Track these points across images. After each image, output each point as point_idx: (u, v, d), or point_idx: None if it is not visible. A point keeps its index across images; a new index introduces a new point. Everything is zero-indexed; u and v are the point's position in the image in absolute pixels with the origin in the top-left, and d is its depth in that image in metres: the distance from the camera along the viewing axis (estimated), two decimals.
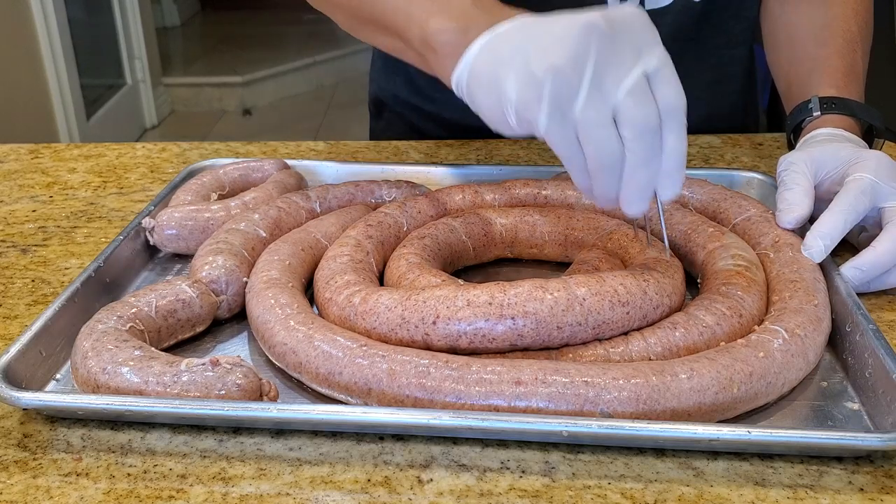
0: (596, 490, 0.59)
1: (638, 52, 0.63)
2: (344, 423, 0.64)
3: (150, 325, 0.73)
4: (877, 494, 0.58)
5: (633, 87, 0.62)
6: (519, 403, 0.62)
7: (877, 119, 0.94)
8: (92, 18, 3.90)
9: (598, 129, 0.63)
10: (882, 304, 0.79)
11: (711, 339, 0.69)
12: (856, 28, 1.01)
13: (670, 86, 0.64)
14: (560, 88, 0.62)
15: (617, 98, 0.62)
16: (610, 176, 0.65)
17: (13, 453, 0.64)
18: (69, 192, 1.08)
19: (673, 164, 0.65)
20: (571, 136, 0.64)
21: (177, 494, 0.59)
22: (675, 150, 0.65)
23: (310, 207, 0.91)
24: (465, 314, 0.67)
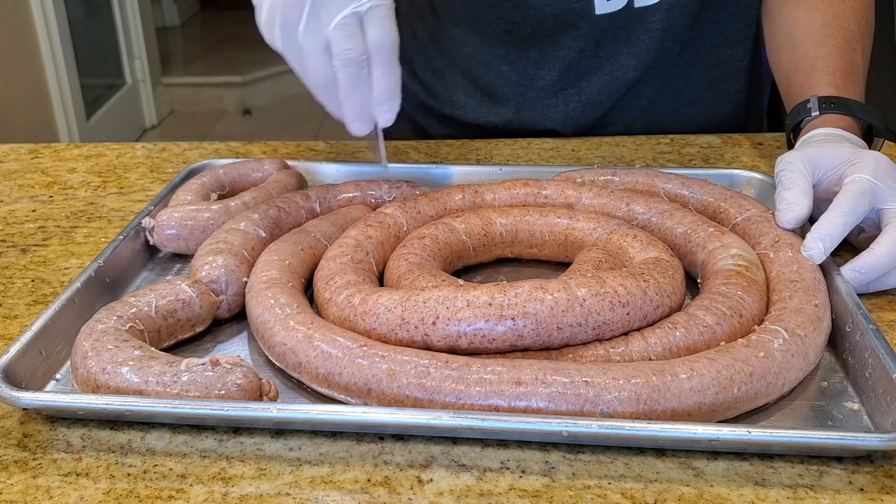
0: (596, 490, 0.59)
1: None
2: (344, 423, 0.64)
3: (150, 324, 0.73)
4: (877, 494, 0.58)
5: (342, 23, 0.74)
6: (519, 403, 0.62)
7: (876, 119, 0.93)
8: (92, 18, 3.90)
9: (312, 56, 0.76)
10: (882, 304, 0.79)
11: (711, 339, 0.69)
12: (856, 27, 1.01)
13: (379, 26, 0.76)
14: (287, 16, 0.75)
15: (329, 31, 0.75)
16: (328, 97, 0.78)
17: (13, 453, 0.64)
18: (69, 192, 1.07)
19: (381, 95, 0.78)
20: (299, 58, 0.77)
21: (177, 494, 0.59)
22: (382, 82, 0.77)
23: (310, 207, 0.91)
24: (465, 315, 0.67)
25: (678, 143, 1.17)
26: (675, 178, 0.93)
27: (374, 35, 0.76)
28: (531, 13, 1.12)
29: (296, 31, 0.75)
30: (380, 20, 0.76)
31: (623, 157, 1.12)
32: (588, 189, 0.91)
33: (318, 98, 0.80)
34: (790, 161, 0.85)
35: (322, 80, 0.77)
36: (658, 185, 0.92)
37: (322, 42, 0.75)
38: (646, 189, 0.93)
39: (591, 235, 0.84)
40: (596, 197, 0.90)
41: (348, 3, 0.75)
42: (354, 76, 0.76)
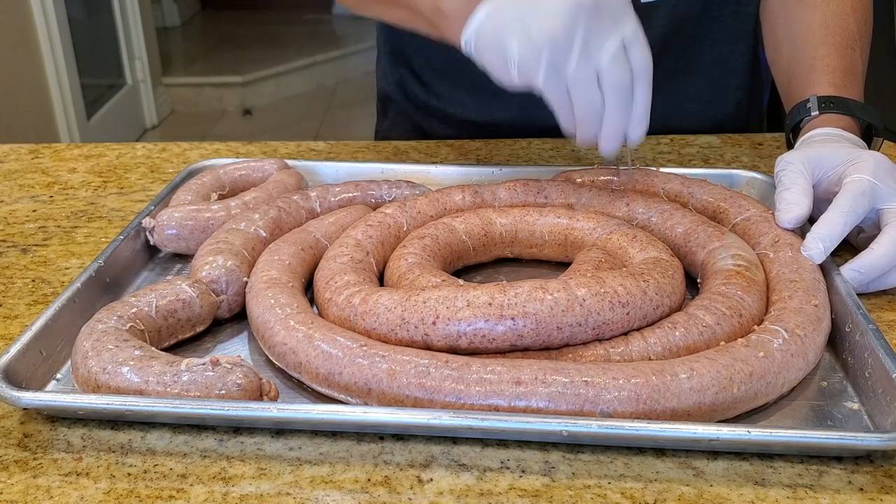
0: (596, 490, 0.59)
1: (616, 23, 0.76)
2: (344, 423, 0.64)
3: (151, 324, 0.73)
4: (876, 494, 0.58)
5: (614, 53, 0.76)
6: (519, 403, 0.62)
7: (875, 118, 0.93)
8: (92, 18, 3.90)
9: (585, 87, 0.77)
10: (882, 304, 0.79)
11: (711, 339, 0.69)
12: (855, 26, 1.01)
13: (641, 50, 0.78)
14: (555, 54, 0.75)
15: (600, 61, 0.76)
16: (592, 122, 0.79)
17: (13, 453, 0.64)
18: (69, 192, 1.08)
19: (640, 112, 0.80)
20: (563, 91, 0.78)
21: (177, 494, 0.59)
22: (643, 102, 0.80)
23: (310, 207, 0.91)
24: (465, 315, 0.67)
25: (678, 143, 1.17)
26: (674, 178, 0.93)
27: (639, 58, 0.77)
28: None
29: (565, 67, 0.75)
30: (641, 43, 0.78)
31: (623, 157, 1.12)
32: (588, 189, 0.91)
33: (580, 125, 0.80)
34: (790, 161, 0.85)
35: (592, 110, 0.78)
36: (658, 185, 0.92)
37: (593, 73, 0.76)
38: (646, 189, 0.93)
39: (591, 235, 0.84)
40: (596, 197, 0.90)
41: (613, 31, 0.76)
42: (623, 101, 0.78)
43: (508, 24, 0.77)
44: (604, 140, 0.80)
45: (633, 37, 0.77)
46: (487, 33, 0.78)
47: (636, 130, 0.81)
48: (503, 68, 0.78)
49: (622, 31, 0.76)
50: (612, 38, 0.76)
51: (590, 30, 0.75)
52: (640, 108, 0.80)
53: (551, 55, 0.75)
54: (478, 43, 0.80)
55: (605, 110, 0.78)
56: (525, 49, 0.76)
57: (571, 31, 0.74)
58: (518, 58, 0.76)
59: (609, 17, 0.76)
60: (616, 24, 0.76)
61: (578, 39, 0.75)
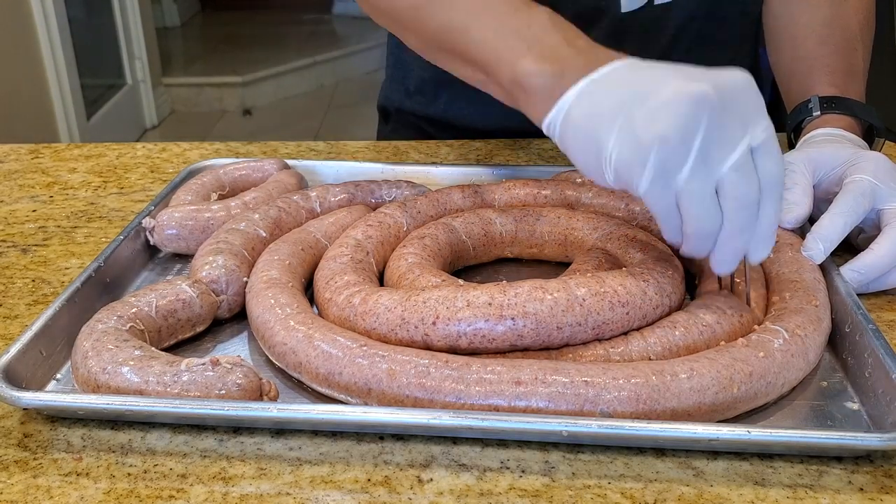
0: (596, 490, 0.59)
1: (745, 125, 0.63)
2: (344, 423, 0.64)
3: (151, 324, 0.73)
4: (876, 494, 0.58)
5: (739, 162, 0.62)
6: (519, 403, 0.62)
7: (877, 119, 0.93)
8: (92, 18, 3.90)
9: (701, 201, 0.63)
10: (882, 304, 0.79)
11: (711, 339, 0.69)
12: (856, 26, 1.01)
13: (773, 159, 0.64)
14: (666, 159, 0.62)
15: (722, 172, 0.63)
16: (706, 241, 0.66)
17: (13, 453, 0.64)
18: (69, 192, 1.08)
19: (767, 232, 0.66)
20: (671, 203, 0.65)
21: (177, 494, 0.59)
22: (771, 219, 0.66)
23: (310, 207, 0.91)
24: (465, 315, 0.67)
25: None
26: None
27: (769, 170, 0.64)
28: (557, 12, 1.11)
29: (676, 175, 0.62)
30: (773, 151, 0.64)
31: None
32: (588, 189, 0.91)
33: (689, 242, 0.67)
34: (791, 161, 0.85)
35: (709, 227, 0.64)
36: None
37: (713, 185, 0.63)
38: None
39: (591, 235, 0.84)
40: (596, 197, 0.90)
41: (741, 136, 0.63)
42: (747, 218, 0.64)
43: (608, 113, 0.64)
44: (717, 261, 0.67)
45: (764, 142, 0.64)
46: (578, 121, 0.66)
47: (759, 252, 0.67)
48: (594, 165, 0.66)
49: (752, 136, 0.63)
50: (739, 144, 0.62)
51: (712, 132, 0.62)
52: (765, 227, 0.66)
53: (660, 160, 0.62)
54: (564, 130, 0.67)
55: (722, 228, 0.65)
56: (627, 149, 0.63)
57: (689, 132, 0.61)
58: (616, 157, 0.64)
59: (737, 117, 0.63)
60: (745, 127, 0.63)
61: (697, 144, 0.61)
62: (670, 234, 0.68)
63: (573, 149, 0.68)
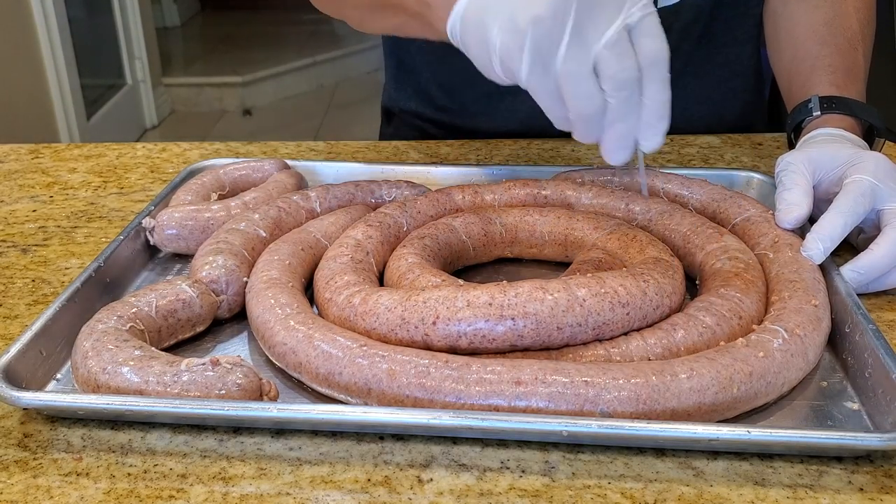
0: (596, 490, 0.59)
1: (621, 3, 0.63)
2: (344, 423, 0.64)
3: (151, 324, 0.73)
4: (876, 494, 0.58)
5: (614, 39, 0.63)
6: (519, 403, 0.62)
7: (877, 119, 0.93)
8: (92, 18, 3.90)
9: (579, 82, 0.64)
10: (882, 304, 0.79)
11: (711, 340, 0.69)
12: (857, 26, 1.01)
13: (652, 37, 0.65)
14: (541, 39, 0.63)
15: (597, 51, 0.63)
16: (590, 125, 0.66)
17: (13, 453, 0.64)
18: (69, 192, 1.08)
19: (653, 116, 0.66)
20: (552, 87, 0.65)
21: (177, 494, 0.59)
22: (656, 102, 0.66)
23: (310, 207, 0.91)
24: (465, 315, 0.67)
25: (678, 143, 1.17)
26: (674, 178, 0.93)
27: (649, 48, 0.64)
28: None
29: (553, 56, 0.63)
30: (653, 30, 0.64)
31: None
32: (588, 189, 0.91)
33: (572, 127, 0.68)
34: (790, 161, 0.85)
35: (589, 108, 0.65)
36: (658, 185, 0.92)
37: (589, 64, 0.63)
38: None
39: (591, 235, 0.84)
40: (596, 197, 0.90)
41: (617, 14, 0.63)
42: (627, 99, 0.65)
43: (493, 6, 0.65)
44: (607, 146, 0.68)
45: (642, 20, 0.64)
46: (471, 18, 0.67)
47: (649, 138, 0.68)
48: (486, 60, 0.67)
49: (628, 13, 0.63)
50: (614, 21, 0.63)
51: (585, 11, 0.62)
52: (650, 110, 0.66)
53: (536, 42, 0.63)
54: (462, 31, 0.69)
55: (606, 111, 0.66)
56: (507, 34, 0.64)
57: (561, 11, 0.62)
58: (500, 46, 0.65)
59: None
60: (621, 5, 0.63)
61: (570, 22, 0.62)
62: (557, 122, 0.68)
63: (469, 47, 0.69)
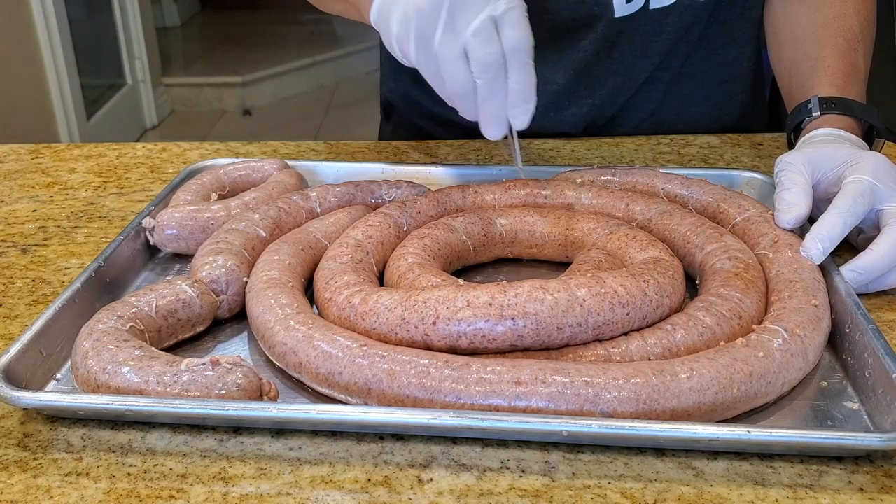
0: (596, 490, 0.59)
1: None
2: (344, 423, 0.64)
3: (151, 324, 0.73)
4: (876, 494, 0.58)
5: (479, 28, 0.74)
6: (519, 403, 0.62)
7: (877, 119, 0.93)
8: (92, 18, 3.90)
9: (450, 64, 0.75)
10: (882, 304, 0.79)
11: (711, 340, 0.69)
12: (857, 27, 1.01)
13: (515, 28, 0.75)
14: (422, 26, 0.75)
15: (466, 38, 0.74)
16: (465, 102, 0.78)
17: (13, 453, 0.64)
18: (69, 192, 1.08)
19: (519, 97, 0.77)
20: (435, 68, 0.77)
21: (177, 494, 0.59)
22: (519, 85, 0.76)
23: (310, 207, 0.91)
24: (465, 315, 0.67)
25: (678, 144, 1.17)
26: (674, 178, 0.93)
27: (511, 38, 0.75)
28: (549, 17, 1.12)
29: (432, 41, 0.75)
30: (515, 22, 0.75)
31: (623, 157, 1.12)
32: (588, 189, 0.91)
33: (454, 104, 0.80)
34: (790, 161, 0.85)
35: (460, 88, 0.76)
36: (658, 185, 0.92)
37: (459, 49, 0.75)
38: (645, 189, 0.93)
39: (591, 235, 0.84)
40: (596, 197, 0.90)
41: (483, 7, 0.74)
42: (492, 81, 0.76)
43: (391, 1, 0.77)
44: (482, 122, 0.79)
45: (505, 13, 0.75)
46: (384, 10, 0.78)
47: (517, 116, 0.78)
48: (390, 44, 0.78)
49: (493, 7, 0.74)
50: (480, 13, 0.74)
51: (457, 4, 0.74)
52: (516, 92, 0.77)
53: (418, 28, 0.75)
54: (377, 20, 0.79)
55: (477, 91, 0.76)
56: (400, 23, 0.76)
57: (438, 4, 0.74)
58: (396, 31, 0.77)
59: None
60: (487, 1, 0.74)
61: (444, 12, 0.74)
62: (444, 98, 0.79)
63: (382, 34, 0.79)
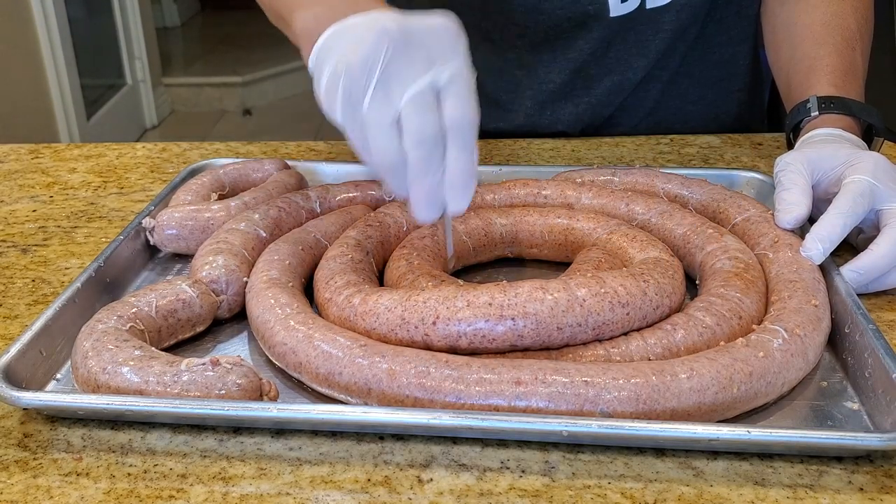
0: (596, 490, 0.59)
1: (430, 64, 0.65)
2: (344, 423, 0.64)
3: (151, 324, 0.73)
4: (876, 494, 0.58)
5: (416, 96, 0.64)
6: (519, 403, 0.62)
7: (876, 118, 0.93)
8: (92, 18, 3.90)
9: (379, 132, 0.65)
10: (882, 304, 0.79)
11: (711, 340, 0.69)
12: (855, 26, 1.01)
13: (459, 100, 0.65)
14: (351, 86, 0.65)
15: (400, 105, 0.64)
16: (394, 178, 0.67)
17: (13, 453, 0.64)
18: (69, 192, 1.08)
19: (456, 179, 0.66)
20: (362, 134, 0.66)
21: (177, 494, 0.59)
22: (458, 166, 0.66)
23: (310, 207, 0.91)
24: (465, 315, 0.67)
25: (678, 144, 1.17)
26: (674, 178, 0.93)
27: (453, 111, 0.65)
28: (545, 18, 1.12)
29: (360, 104, 0.65)
30: (460, 93, 0.65)
31: (623, 157, 1.12)
32: (588, 189, 0.91)
33: (382, 178, 0.69)
34: (789, 161, 0.85)
35: (389, 160, 0.66)
36: (658, 185, 0.92)
37: (391, 116, 0.64)
38: (645, 189, 0.93)
39: (591, 235, 0.84)
40: (596, 197, 0.90)
41: (425, 72, 0.64)
42: (427, 157, 0.65)
43: (332, 49, 0.67)
44: (412, 201, 0.68)
45: (450, 83, 0.65)
46: (319, 59, 0.69)
47: (452, 198, 0.67)
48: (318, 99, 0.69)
49: (437, 74, 0.64)
50: (419, 79, 0.64)
51: (394, 65, 0.64)
52: (454, 173, 0.66)
53: (346, 87, 0.65)
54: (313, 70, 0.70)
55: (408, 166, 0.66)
56: (329, 76, 0.66)
57: (370, 62, 0.64)
58: (324, 84, 0.67)
59: (422, 54, 0.65)
60: (431, 64, 0.65)
61: (376, 73, 0.64)
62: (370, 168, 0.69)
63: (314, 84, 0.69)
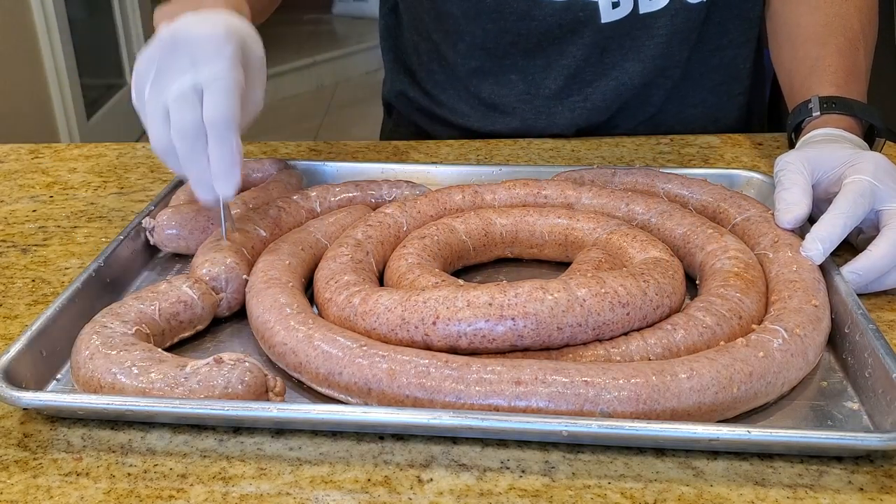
0: (596, 490, 0.59)
1: (193, 66, 0.74)
2: (344, 422, 0.64)
3: (154, 327, 0.73)
4: (876, 494, 0.58)
5: (178, 94, 0.74)
6: (519, 403, 0.62)
7: (877, 119, 0.93)
8: (92, 18, 3.90)
9: (152, 120, 0.76)
10: (882, 304, 0.79)
11: (711, 340, 0.69)
12: (858, 26, 1.01)
13: (216, 99, 0.74)
14: (138, 82, 0.77)
15: (167, 100, 0.74)
16: (169, 161, 0.78)
17: (13, 453, 0.64)
18: (69, 192, 1.08)
19: (218, 168, 0.75)
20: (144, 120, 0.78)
21: (177, 494, 0.59)
22: (218, 156, 0.75)
23: (310, 207, 0.91)
24: (465, 315, 0.67)
25: (678, 144, 1.17)
26: (674, 178, 0.93)
27: (210, 109, 0.73)
28: (537, 24, 1.12)
29: (142, 96, 0.76)
30: (218, 94, 0.74)
31: (623, 157, 1.12)
32: (588, 189, 0.91)
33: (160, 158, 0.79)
34: (789, 161, 0.84)
35: (161, 146, 0.76)
36: (658, 185, 0.92)
37: (162, 109, 0.75)
38: (645, 189, 0.93)
39: (591, 235, 0.84)
40: (596, 197, 0.90)
41: (187, 72, 0.74)
42: (190, 148, 0.75)
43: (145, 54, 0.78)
44: (190, 184, 0.78)
45: (211, 83, 0.74)
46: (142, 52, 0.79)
47: (218, 186, 0.76)
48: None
49: (196, 75, 0.74)
50: (181, 79, 0.74)
51: (163, 66, 0.75)
52: (217, 163, 0.75)
53: (136, 81, 0.77)
54: None
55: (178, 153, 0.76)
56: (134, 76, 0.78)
57: (148, 62, 0.76)
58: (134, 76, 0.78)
59: (186, 57, 0.74)
60: (193, 66, 0.74)
61: (153, 73, 0.75)
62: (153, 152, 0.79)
63: None
